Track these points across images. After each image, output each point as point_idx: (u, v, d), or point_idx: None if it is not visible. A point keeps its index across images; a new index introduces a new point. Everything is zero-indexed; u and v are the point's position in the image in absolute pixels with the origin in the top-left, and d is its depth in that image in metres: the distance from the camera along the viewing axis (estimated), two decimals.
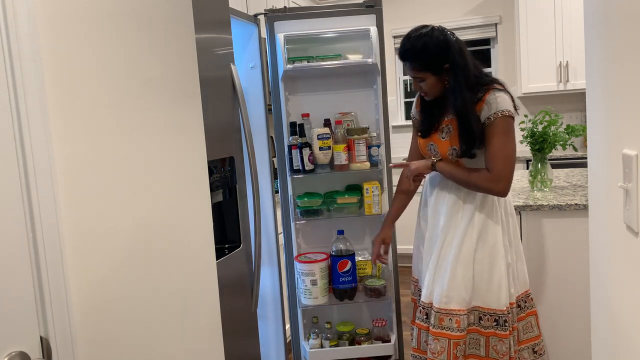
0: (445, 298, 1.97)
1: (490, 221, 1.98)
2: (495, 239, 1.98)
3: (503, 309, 1.97)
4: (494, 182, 1.91)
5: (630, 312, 1.04)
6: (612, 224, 1.13)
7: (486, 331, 1.99)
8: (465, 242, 1.97)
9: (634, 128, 0.97)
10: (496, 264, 1.97)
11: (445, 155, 2.02)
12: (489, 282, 1.97)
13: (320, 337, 2.75)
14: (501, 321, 1.97)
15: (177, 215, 1.47)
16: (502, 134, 1.90)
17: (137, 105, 1.31)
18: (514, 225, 2.08)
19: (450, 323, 1.96)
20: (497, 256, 1.98)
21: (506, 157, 1.91)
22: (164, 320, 1.40)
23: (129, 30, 1.29)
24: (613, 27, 1.07)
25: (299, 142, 2.60)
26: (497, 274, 1.97)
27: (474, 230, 1.97)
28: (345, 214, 2.70)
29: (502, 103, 1.90)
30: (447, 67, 1.93)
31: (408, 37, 1.97)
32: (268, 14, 2.65)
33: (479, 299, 1.99)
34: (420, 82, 1.99)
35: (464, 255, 1.97)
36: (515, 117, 1.95)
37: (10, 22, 0.96)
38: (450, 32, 1.98)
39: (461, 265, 1.97)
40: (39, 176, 1.01)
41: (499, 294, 1.97)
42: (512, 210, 2.09)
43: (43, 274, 1.01)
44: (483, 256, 1.97)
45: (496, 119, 1.89)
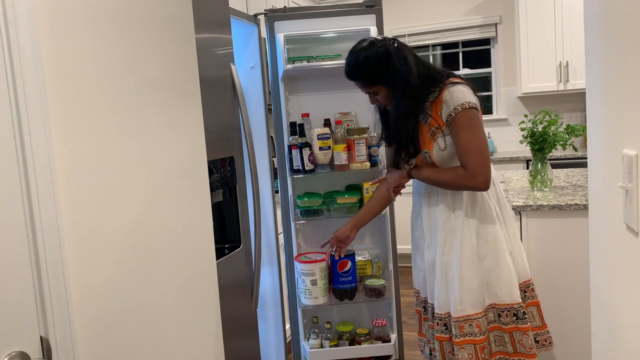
0: (460, 306, 1.94)
1: (485, 217, 1.95)
2: (495, 234, 1.95)
3: (518, 301, 1.95)
4: (472, 178, 1.86)
5: (630, 312, 1.04)
6: (612, 224, 1.13)
7: (507, 327, 1.97)
8: (465, 244, 1.95)
9: (634, 128, 0.97)
10: (502, 258, 1.95)
11: (420, 160, 1.99)
12: (499, 277, 1.95)
13: (320, 337, 2.75)
14: (520, 314, 1.95)
15: (177, 215, 1.47)
16: (467, 127, 1.85)
17: (137, 105, 1.31)
18: (509, 216, 2.06)
19: (471, 329, 1.94)
20: (501, 250, 1.95)
21: (477, 150, 1.86)
22: (164, 320, 1.40)
23: (129, 30, 1.29)
24: (613, 27, 1.07)
25: (299, 142, 2.60)
26: (504, 267, 1.95)
27: (472, 230, 1.95)
28: (345, 214, 2.70)
29: (459, 96, 1.85)
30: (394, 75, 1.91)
31: (349, 55, 1.98)
32: (268, 14, 2.65)
33: (493, 296, 1.97)
34: (375, 95, 1.98)
35: (468, 257, 1.94)
36: (478, 107, 1.89)
37: (10, 22, 0.96)
38: (392, 39, 1.96)
39: (467, 268, 1.94)
40: (39, 176, 1.01)
41: (510, 287, 1.95)
42: (505, 201, 2.05)
43: (43, 274, 1.01)
44: (487, 253, 1.95)
45: (457, 114, 1.84)
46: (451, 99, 1.86)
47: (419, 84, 1.91)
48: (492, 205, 1.97)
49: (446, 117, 1.87)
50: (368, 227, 2.84)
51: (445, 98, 1.87)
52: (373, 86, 1.95)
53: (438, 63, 5.60)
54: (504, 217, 2.03)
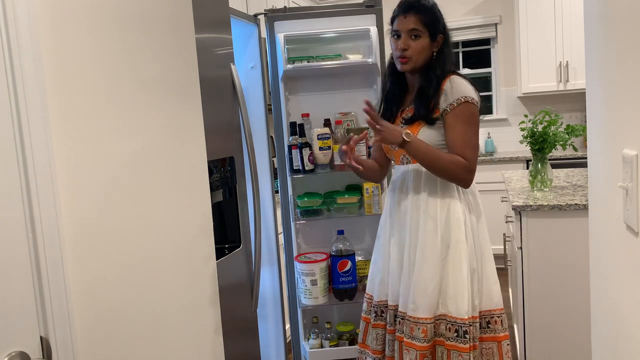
0: (412, 304, 1.86)
1: (454, 222, 1.87)
2: (458, 241, 1.85)
3: (464, 317, 1.82)
4: (468, 171, 1.82)
5: (631, 312, 1.04)
6: (612, 224, 1.13)
7: (448, 343, 1.84)
8: (428, 244, 1.86)
9: (634, 128, 0.97)
10: (457, 266, 1.84)
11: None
12: (451, 286, 1.84)
13: (320, 337, 2.75)
14: (461, 332, 1.81)
15: (177, 215, 1.47)
16: (469, 122, 1.83)
17: (137, 105, 1.31)
18: (483, 230, 1.95)
19: (417, 333, 1.84)
20: (460, 260, 1.85)
21: (475, 147, 1.84)
22: (164, 320, 1.40)
23: (129, 30, 1.29)
24: (613, 27, 1.07)
25: (299, 142, 2.61)
26: (459, 278, 1.84)
27: (438, 231, 1.86)
28: (345, 214, 2.70)
29: (462, 89, 1.83)
30: (440, 38, 1.90)
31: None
32: (268, 14, 2.65)
33: (444, 305, 1.86)
34: (415, 38, 1.88)
35: (429, 257, 1.86)
36: (479, 106, 1.86)
37: (10, 22, 0.96)
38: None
39: (427, 268, 1.85)
40: (39, 176, 1.01)
41: (459, 299, 1.82)
42: (479, 211, 1.96)
43: (43, 274, 1.01)
44: (446, 258, 1.86)
45: (459, 104, 1.81)
46: (452, 90, 1.83)
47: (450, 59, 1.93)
48: (463, 211, 1.88)
49: (445, 106, 1.83)
50: (368, 227, 2.84)
51: (446, 87, 1.84)
52: (423, 28, 1.88)
53: None
54: (477, 230, 1.92)
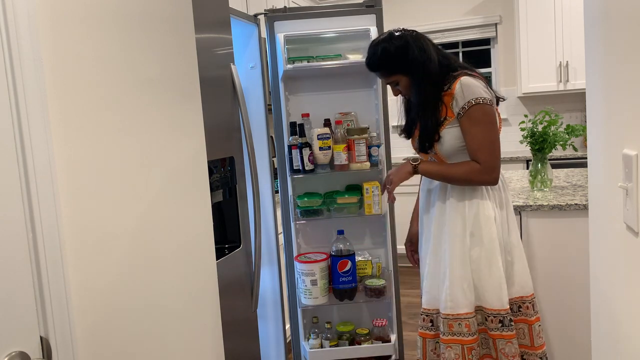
0: (450, 302, 1.91)
1: (483, 218, 1.92)
2: (491, 237, 1.91)
3: (506, 307, 1.91)
4: (486, 173, 1.86)
5: (631, 312, 1.04)
6: (612, 224, 1.13)
7: (492, 333, 1.93)
8: (457, 242, 1.92)
9: (634, 128, 0.97)
10: (494, 263, 1.91)
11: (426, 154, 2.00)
12: (488, 281, 1.92)
13: (320, 337, 2.75)
14: (506, 321, 1.90)
15: (177, 215, 1.47)
16: (481, 122, 1.85)
17: (137, 105, 1.31)
18: (513, 223, 2.01)
19: (460, 328, 1.90)
20: (495, 254, 1.91)
21: (491, 145, 1.87)
22: (164, 320, 1.40)
23: (129, 30, 1.29)
24: (613, 27, 1.07)
25: (299, 142, 2.60)
26: (495, 272, 1.91)
27: (466, 229, 1.92)
28: (345, 214, 2.70)
29: (472, 91, 1.85)
30: (415, 63, 1.92)
31: (369, 48, 2.01)
32: (268, 14, 2.65)
33: (481, 298, 1.94)
34: (395, 86, 2.00)
35: (459, 255, 1.92)
36: (493, 100, 1.89)
37: (10, 22, 0.96)
38: (412, 30, 1.98)
39: (458, 266, 1.92)
40: (39, 176, 1.01)
41: (499, 292, 1.91)
42: (508, 204, 2.01)
43: (43, 274, 1.01)
44: (480, 255, 1.92)
45: (470, 107, 1.84)
46: (463, 92, 1.85)
47: (439, 71, 1.92)
48: (493, 208, 1.94)
49: (458, 110, 1.87)
50: (368, 227, 2.85)
51: (457, 91, 1.87)
52: (393, 76, 1.97)
53: None
54: (509, 225, 1.98)
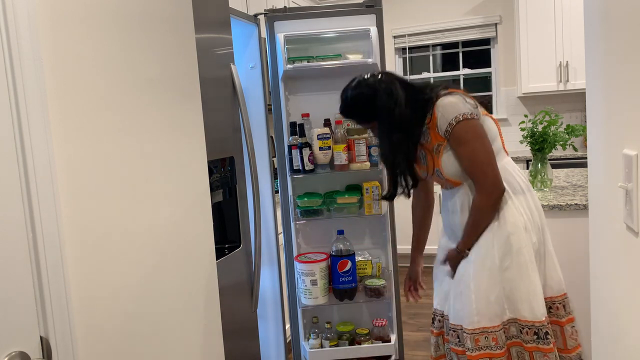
0: (476, 317, 1.83)
1: (510, 226, 1.85)
2: (520, 245, 1.83)
3: (541, 319, 1.82)
4: (488, 195, 1.82)
5: (631, 312, 1.04)
6: (612, 224, 1.13)
7: (528, 346, 1.84)
8: (486, 253, 1.85)
9: (634, 128, 0.97)
10: (524, 271, 1.83)
11: (436, 178, 1.96)
12: (520, 291, 1.83)
13: (320, 337, 2.75)
14: (542, 334, 1.82)
15: (177, 215, 1.47)
16: (464, 141, 1.82)
17: (137, 105, 1.31)
18: (543, 225, 1.94)
19: (487, 341, 1.83)
20: (525, 262, 1.83)
21: (481, 162, 1.83)
22: (164, 320, 1.40)
23: (129, 30, 1.29)
24: (613, 27, 1.07)
25: (299, 142, 2.60)
26: (526, 281, 1.83)
27: (494, 239, 1.85)
28: (345, 214, 2.70)
29: (450, 111, 1.82)
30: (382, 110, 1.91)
31: (341, 94, 2.01)
32: (268, 14, 2.65)
33: (514, 310, 1.85)
34: (374, 130, 2.01)
35: (488, 266, 1.84)
36: (475, 110, 1.84)
37: (10, 22, 0.96)
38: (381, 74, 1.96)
39: (485, 278, 1.84)
40: (39, 176, 1.01)
41: (532, 303, 1.82)
42: (539, 210, 1.94)
43: (43, 274, 1.01)
44: (510, 264, 1.83)
45: (452, 129, 1.82)
46: (442, 115, 1.83)
47: (410, 114, 1.89)
48: (518, 214, 1.87)
49: (443, 134, 1.85)
50: (368, 227, 2.85)
51: (437, 116, 1.85)
52: (364, 123, 2.01)
53: (438, 63, 5.61)
54: (539, 226, 1.92)
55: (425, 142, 1.92)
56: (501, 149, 1.95)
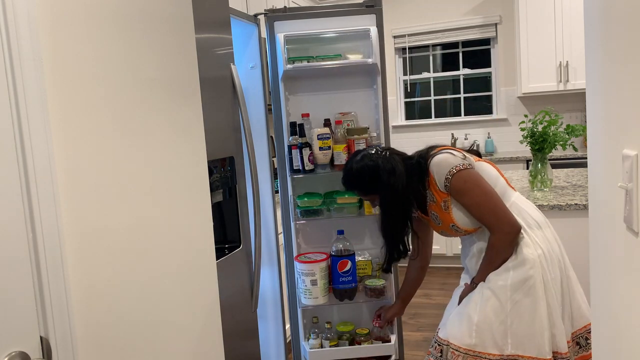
0: (474, 339, 1.81)
1: (526, 260, 1.83)
2: (535, 280, 1.81)
3: (547, 357, 1.78)
4: (506, 232, 1.83)
5: (631, 312, 1.04)
6: (612, 224, 1.13)
7: None
8: (497, 283, 1.84)
9: (634, 128, 0.97)
10: (536, 307, 1.80)
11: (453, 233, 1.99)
12: (528, 326, 1.80)
13: (320, 337, 2.75)
14: None
15: (177, 215, 1.47)
16: (465, 191, 1.86)
17: (137, 105, 1.31)
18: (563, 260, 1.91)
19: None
20: (537, 299, 1.80)
21: (488, 206, 1.85)
22: (164, 320, 1.40)
23: (129, 30, 1.29)
24: (613, 27, 1.07)
25: (299, 142, 2.60)
26: (536, 318, 1.79)
27: (509, 272, 1.84)
28: (345, 214, 2.70)
29: (443, 166, 1.88)
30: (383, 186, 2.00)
31: (345, 166, 2.12)
32: (268, 14, 2.65)
33: (518, 346, 1.80)
34: (373, 201, 2.10)
35: (497, 295, 1.83)
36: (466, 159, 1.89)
37: (10, 22, 0.96)
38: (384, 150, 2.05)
39: (492, 305, 1.83)
40: (39, 176, 1.01)
41: (539, 339, 1.79)
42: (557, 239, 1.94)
43: (43, 274, 1.01)
44: (521, 299, 1.81)
45: (450, 183, 1.87)
46: (437, 173, 1.90)
47: (408, 185, 1.97)
48: (534, 248, 1.86)
49: (444, 189, 1.90)
50: (368, 227, 2.85)
51: (432, 175, 1.91)
52: (368, 195, 2.09)
53: (438, 63, 5.61)
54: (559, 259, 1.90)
55: (433, 203, 1.96)
56: (506, 187, 1.97)
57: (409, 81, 5.62)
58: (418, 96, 5.66)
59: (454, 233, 1.99)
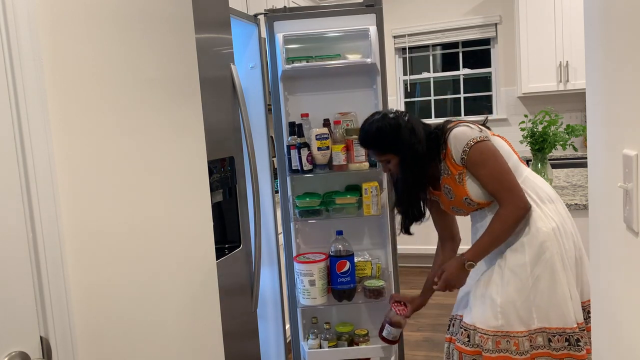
0: (501, 320, 1.84)
1: (541, 235, 1.85)
2: (552, 252, 1.84)
3: (572, 326, 1.82)
4: (514, 211, 1.84)
5: (630, 312, 1.04)
6: (612, 224, 1.13)
7: (558, 353, 1.82)
8: (515, 261, 1.86)
9: (634, 128, 0.97)
10: (556, 279, 1.83)
11: (466, 207, 1.98)
12: (551, 299, 1.83)
13: (319, 338, 2.74)
14: (572, 340, 1.82)
15: (177, 215, 1.47)
16: (482, 163, 1.87)
17: (137, 105, 1.31)
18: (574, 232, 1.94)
19: (508, 345, 1.83)
20: (556, 270, 1.83)
21: (502, 180, 1.86)
22: (164, 320, 1.40)
23: (129, 30, 1.29)
24: (613, 27, 1.07)
25: (297, 142, 2.60)
26: (559, 289, 1.83)
27: (525, 248, 1.86)
28: (344, 215, 2.69)
29: (461, 138, 1.89)
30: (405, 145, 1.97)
31: (364, 124, 2.06)
32: (268, 14, 2.65)
33: (543, 319, 1.84)
34: (387, 164, 2.05)
35: (518, 274, 1.85)
36: (484, 132, 1.90)
37: (10, 22, 0.96)
38: (403, 112, 2.03)
39: (514, 284, 1.85)
40: (39, 176, 1.01)
41: (562, 309, 1.82)
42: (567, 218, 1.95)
43: (43, 274, 1.01)
44: (541, 273, 1.84)
45: (467, 155, 1.87)
46: (455, 145, 1.89)
47: (426, 151, 1.96)
48: (549, 221, 1.88)
49: (460, 162, 1.90)
50: (367, 227, 2.84)
51: (450, 147, 1.91)
52: (385, 154, 2.03)
53: (438, 63, 5.61)
54: (572, 232, 1.92)
55: (447, 176, 1.96)
56: (519, 163, 1.98)
57: (409, 81, 5.62)
58: (418, 96, 5.66)
59: (466, 207, 1.98)
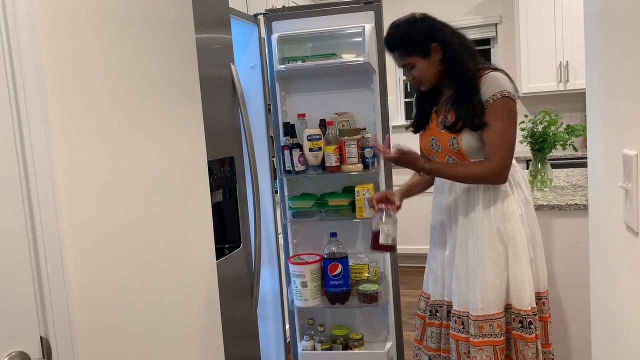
0: (480, 304, 1.86)
1: (507, 216, 1.87)
2: (515, 234, 1.87)
3: (527, 308, 1.86)
4: (497, 173, 1.82)
5: (631, 312, 1.04)
6: (612, 224, 1.13)
7: (514, 332, 1.89)
8: (486, 241, 1.87)
9: (634, 128, 0.98)
10: (518, 261, 1.86)
11: (447, 147, 1.91)
12: (511, 279, 1.87)
13: (313, 340, 2.72)
14: (525, 322, 1.86)
15: (177, 215, 1.47)
16: (504, 117, 1.81)
17: (137, 105, 1.31)
18: (534, 219, 1.98)
19: (491, 329, 1.86)
20: (519, 252, 1.87)
21: (508, 143, 1.82)
22: (164, 320, 1.40)
23: (129, 30, 1.29)
24: (613, 27, 1.07)
25: (290, 142, 2.58)
26: (518, 270, 1.86)
27: (493, 229, 1.87)
28: (338, 216, 2.65)
29: (500, 83, 1.83)
30: (434, 46, 1.88)
31: (390, 27, 1.96)
32: (267, 14, 2.65)
33: (508, 296, 1.90)
34: (410, 69, 1.94)
35: (490, 256, 1.87)
36: (516, 95, 1.86)
37: (10, 22, 0.96)
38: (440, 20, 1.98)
39: (490, 268, 1.86)
40: (39, 176, 1.01)
41: (520, 292, 1.87)
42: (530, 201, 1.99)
43: (43, 274, 1.01)
44: (506, 253, 1.87)
45: (496, 100, 1.80)
46: (490, 85, 1.82)
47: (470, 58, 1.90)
48: (517, 207, 1.90)
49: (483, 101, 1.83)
50: (361, 230, 2.78)
51: (485, 81, 1.84)
52: (409, 57, 1.92)
53: None
54: (528, 219, 1.95)
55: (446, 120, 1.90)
56: None
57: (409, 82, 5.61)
58: None
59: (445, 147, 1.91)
